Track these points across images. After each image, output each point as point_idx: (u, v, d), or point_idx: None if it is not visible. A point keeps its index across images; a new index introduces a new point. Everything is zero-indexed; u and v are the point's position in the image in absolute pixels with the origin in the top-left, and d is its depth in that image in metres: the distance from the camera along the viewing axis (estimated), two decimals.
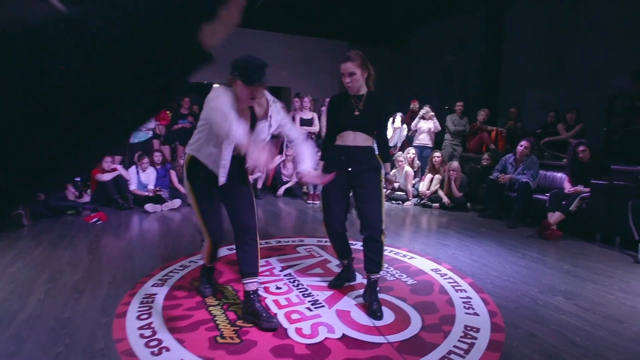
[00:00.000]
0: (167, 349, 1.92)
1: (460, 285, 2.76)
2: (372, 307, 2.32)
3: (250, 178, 5.95)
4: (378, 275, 2.40)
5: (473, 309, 2.40)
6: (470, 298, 2.55)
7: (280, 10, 9.01)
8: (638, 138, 4.66)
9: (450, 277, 2.90)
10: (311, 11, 9.20)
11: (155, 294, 2.54)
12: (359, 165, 2.37)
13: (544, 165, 4.97)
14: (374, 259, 2.37)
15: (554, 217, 4.05)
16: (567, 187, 4.25)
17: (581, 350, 1.95)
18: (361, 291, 2.57)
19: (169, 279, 2.81)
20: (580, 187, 4.12)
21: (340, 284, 2.70)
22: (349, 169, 2.37)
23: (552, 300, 2.53)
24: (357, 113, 2.38)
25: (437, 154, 5.67)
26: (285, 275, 2.88)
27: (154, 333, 2.07)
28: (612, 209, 3.74)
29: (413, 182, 5.98)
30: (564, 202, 4.09)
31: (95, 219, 4.47)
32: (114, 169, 5.29)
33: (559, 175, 4.70)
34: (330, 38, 10.68)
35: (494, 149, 5.97)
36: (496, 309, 2.40)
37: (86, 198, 5.26)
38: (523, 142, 4.71)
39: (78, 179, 5.28)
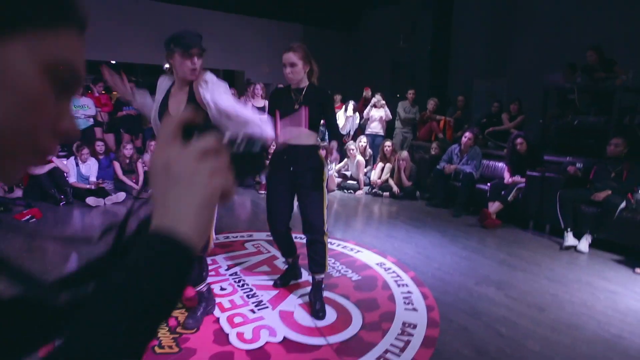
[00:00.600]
0: None
1: (403, 280, 2.86)
2: (314, 307, 2.35)
3: None
4: (322, 275, 2.44)
5: (412, 304, 2.51)
6: (411, 293, 2.66)
7: None
8: (569, 130, 4.99)
9: (394, 272, 3.00)
10: None
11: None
12: (300, 164, 2.34)
13: (487, 155, 5.22)
14: (317, 260, 2.39)
15: (494, 206, 4.29)
16: (507, 178, 4.50)
17: (505, 341, 2.11)
18: (307, 289, 2.60)
19: None
20: (517, 178, 4.38)
21: (285, 282, 2.71)
22: (291, 168, 2.34)
23: (485, 292, 2.69)
24: (296, 107, 2.33)
25: (388, 143, 5.78)
26: (230, 275, 2.85)
27: None
28: (544, 199, 4.02)
29: (365, 170, 6.07)
30: (503, 192, 4.34)
31: (28, 217, 4.15)
32: (49, 161, 4.91)
33: (500, 165, 4.96)
34: (285, 20, 10.42)
35: (442, 138, 6.18)
36: (434, 303, 2.52)
37: (17, 193, 4.86)
38: (467, 134, 4.90)
39: None
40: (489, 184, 4.54)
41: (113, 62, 11.17)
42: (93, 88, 6.46)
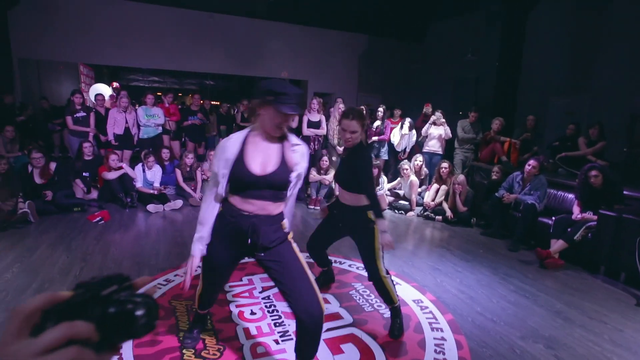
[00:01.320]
0: None
1: (438, 323, 2.68)
2: (395, 325, 2.51)
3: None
4: (395, 304, 2.51)
5: (444, 353, 2.33)
6: (445, 340, 2.48)
7: (297, 1, 8.87)
8: None
9: (430, 312, 2.83)
10: (329, 2, 9.00)
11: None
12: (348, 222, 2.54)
13: (555, 184, 4.73)
14: (383, 297, 2.49)
15: (557, 245, 3.86)
16: (575, 213, 4.03)
17: None
18: (333, 323, 2.56)
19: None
20: (588, 215, 3.90)
21: (320, 285, 2.83)
22: (339, 225, 2.60)
23: (531, 349, 2.42)
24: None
25: (445, 164, 5.50)
26: (263, 299, 2.89)
27: None
28: (619, 243, 3.53)
29: (419, 190, 5.84)
30: (569, 229, 3.89)
31: (98, 218, 4.61)
32: (120, 167, 5.41)
33: (570, 196, 4.46)
34: (349, 30, 10.43)
35: (506, 162, 5.72)
36: (468, 355, 2.32)
37: (94, 194, 5.43)
38: (531, 162, 4.48)
39: (87, 174, 5.45)
40: (553, 218, 4.11)
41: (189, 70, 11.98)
42: (163, 98, 6.99)
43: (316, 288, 1.82)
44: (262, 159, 1.77)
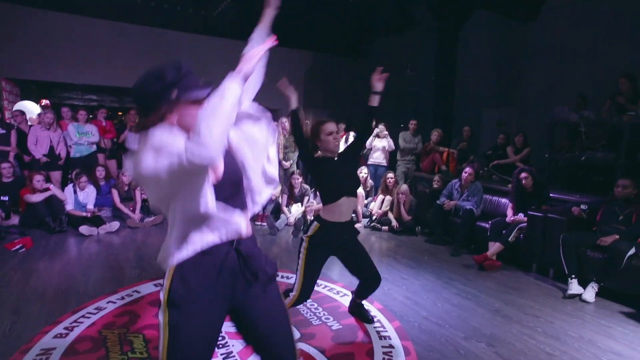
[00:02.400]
0: None
1: (387, 331, 2.68)
2: None
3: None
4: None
5: None
6: (393, 347, 2.48)
7: (241, 17, 8.84)
8: (577, 166, 4.78)
9: (378, 321, 2.82)
10: (274, 19, 9.08)
11: (53, 349, 2.33)
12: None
13: (491, 190, 5.02)
14: None
15: (494, 247, 4.07)
16: (509, 216, 4.29)
17: None
18: None
19: (77, 326, 2.60)
20: (519, 217, 4.17)
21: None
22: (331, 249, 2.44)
23: (474, 349, 2.48)
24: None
25: (391, 174, 5.65)
26: None
27: None
28: (547, 241, 3.80)
29: (365, 202, 5.93)
30: (504, 232, 4.12)
31: (18, 246, 4.15)
32: (47, 189, 4.95)
33: (504, 201, 4.75)
34: (294, 47, 10.57)
35: (446, 171, 6.01)
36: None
37: (14, 220, 4.90)
38: (467, 169, 4.74)
39: (5, 198, 4.92)
40: (489, 222, 4.34)
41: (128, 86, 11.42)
42: (97, 114, 6.57)
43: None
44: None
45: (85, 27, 8.25)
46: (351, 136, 6.52)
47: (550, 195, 4.31)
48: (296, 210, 5.44)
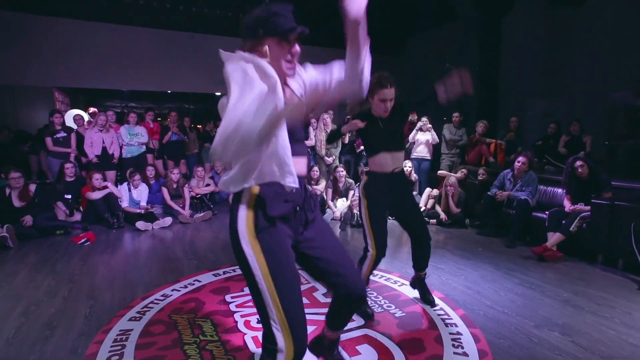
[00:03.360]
0: None
1: (451, 319, 2.62)
2: None
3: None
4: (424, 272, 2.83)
5: (462, 347, 2.26)
6: (461, 334, 2.41)
7: None
8: None
9: (441, 309, 2.76)
10: (308, 20, 9.15)
11: (131, 330, 2.44)
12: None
13: (545, 180, 4.82)
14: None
15: (554, 238, 3.89)
16: (567, 206, 4.09)
17: None
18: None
19: (148, 311, 2.71)
20: (580, 206, 3.96)
21: None
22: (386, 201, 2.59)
23: (548, 337, 2.38)
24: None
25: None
26: None
27: None
28: (614, 231, 3.59)
29: None
30: (564, 222, 3.94)
31: (83, 240, 4.39)
32: (105, 187, 5.21)
33: (560, 191, 4.55)
34: (329, 47, 10.61)
35: (493, 162, 5.82)
36: (487, 347, 2.26)
37: (77, 217, 5.19)
38: (520, 158, 4.56)
39: (69, 197, 5.22)
40: (547, 212, 4.16)
41: (168, 91, 11.92)
42: (146, 117, 6.86)
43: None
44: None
45: (130, 36, 8.64)
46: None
47: (613, 183, 4.08)
48: (341, 204, 5.44)
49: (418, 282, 2.86)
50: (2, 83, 8.28)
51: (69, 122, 7.02)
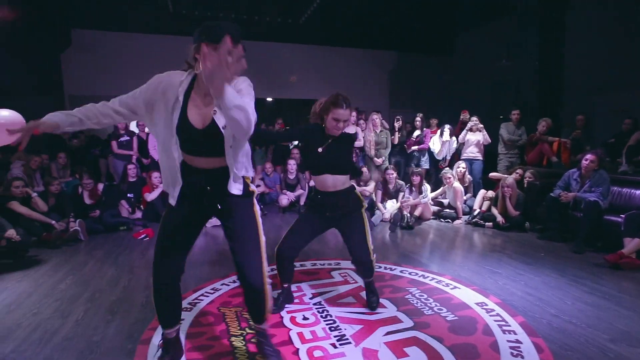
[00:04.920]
0: None
1: (510, 325, 2.42)
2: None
3: (293, 195, 6.00)
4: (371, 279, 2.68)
5: (522, 357, 2.07)
6: (520, 342, 2.22)
7: (326, 23, 9.05)
8: None
9: (497, 314, 2.57)
10: (358, 22, 9.13)
11: (182, 320, 2.51)
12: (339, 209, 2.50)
13: (617, 181, 4.36)
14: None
15: (632, 244, 3.48)
16: None
17: None
18: (392, 327, 2.39)
19: (199, 302, 2.80)
20: None
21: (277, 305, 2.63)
22: (327, 214, 2.51)
23: (627, 353, 2.11)
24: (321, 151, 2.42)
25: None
26: (314, 304, 2.74)
27: None
28: None
29: (465, 198, 5.57)
30: None
31: (143, 235, 4.67)
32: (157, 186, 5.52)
33: (638, 193, 4.09)
34: (378, 48, 10.50)
35: (557, 162, 5.38)
36: (551, 358, 2.05)
37: (138, 214, 5.54)
38: (589, 156, 4.16)
39: (131, 195, 5.59)
40: (623, 216, 3.74)
41: None
42: None
43: (264, 257, 1.82)
44: (201, 117, 1.63)
45: (181, 46, 9.11)
46: (447, 129, 6.20)
47: None
48: (391, 206, 5.31)
49: (365, 287, 2.77)
50: (78, 94, 9.13)
51: (133, 127, 7.55)
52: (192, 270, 3.51)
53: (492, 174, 5.55)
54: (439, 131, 6.37)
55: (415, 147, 6.36)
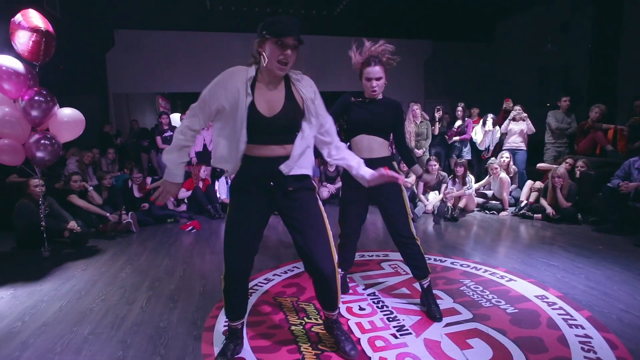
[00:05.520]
0: None
1: (576, 320, 2.33)
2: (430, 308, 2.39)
3: (333, 188, 6.00)
4: (427, 280, 2.44)
5: (595, 352, 2.00)
6: (590, 338, 2.13)
7: (361, 14, 8.94)
8: None
9: (560, 308, 2.48)
10: (392, 12, 8.95)
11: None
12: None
13: None
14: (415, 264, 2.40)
15: None
16: None
17: None
18: (451, 318, 2.35)
19: (254, 292, 2.86)
20: None
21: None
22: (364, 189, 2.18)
23: None
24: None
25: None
26: (369, 295, 2.74)
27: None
28: None
29: (510, 189, 5.39)
30: None
31: (190, 228, 4.82)
32: (205, 180, 5.67)
33: None
34: (412, 37, 10.27)
35: (612, 151, 5.10)
36: (629, 356, 1.96)
37: (183, 207, 5.73)
38: None
39: None
40: None
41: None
42: None
43: (332, 244, 1.85)
44: (270, 104, 1.71)
45: (223, 42, 9.26)
46: (489, 118, 6.01)
47: None
48: (433, 197, 5.22)
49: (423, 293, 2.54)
50: (121, 92, 9.50)
51: (175, 122, 7.79)
52: None
53: (540, 165, 5.34)
54: (481, 121, 6.18)
55: (456, 138, 6.21)
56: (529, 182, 5.13)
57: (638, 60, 6.45)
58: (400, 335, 2.20)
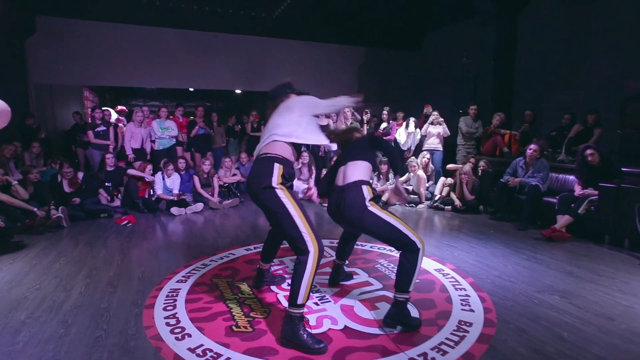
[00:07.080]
0: (189, 335, 2.19)
1: (461, 285, 2.91)
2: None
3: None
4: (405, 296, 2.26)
5: (469, 305, 2.56)
6: (469, 296, 2.71)
7: (299, 18, 9.32)
8: None
9: (452, 277, 3.06)
10: (329, 18, 9.46)
11: (179, 289, 2.83)
12: None
13: (557, 168, 5.01)
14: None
15: (563, 220, 4.11)
16: (577, 190, 4.30)
17: (567, 345, 2.09)
18: (365, 289, 2.80)
19: (192, 276, 3.10)
20: (589, 190, 4.17)
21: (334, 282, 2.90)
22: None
23: (548, 299, 2.65)
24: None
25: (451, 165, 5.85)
26: None
27: (178, 322, 2.34)
28: (620, 212, 3.79)
29: (427, 185, 6.10)
30: (572, 205, 4.15)
31: (125, 222, 4.85)
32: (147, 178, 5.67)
33: (571, 178, 4.74)
34: (348, 44, 10.89)
35: (508, 152, 6.03)
36: (492, 306, 2.55)
37: (117, 202, 5.67)
38: (532, 146, 4.78)
39: (109, 184, 5.71)
40: (557, 197, 4.37)
41: (191, 89, 12.42)
42: (176, 112, 7.31)
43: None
44: None
45: (156, 37, 9.10)
46: (412, 121, 6.70)
47: (623, 169, 4.25)
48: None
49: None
50: (42, 82, 8.91)
51: (113, 117, 7.54)
52: (180, 250, 3.79)
53: (450, 165, 6.12)
54: (404, 123, 6.87)
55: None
56: (442, 179, 5.88)
57: (530, 77, 7.60)
58: (321, 302, 2.60)
